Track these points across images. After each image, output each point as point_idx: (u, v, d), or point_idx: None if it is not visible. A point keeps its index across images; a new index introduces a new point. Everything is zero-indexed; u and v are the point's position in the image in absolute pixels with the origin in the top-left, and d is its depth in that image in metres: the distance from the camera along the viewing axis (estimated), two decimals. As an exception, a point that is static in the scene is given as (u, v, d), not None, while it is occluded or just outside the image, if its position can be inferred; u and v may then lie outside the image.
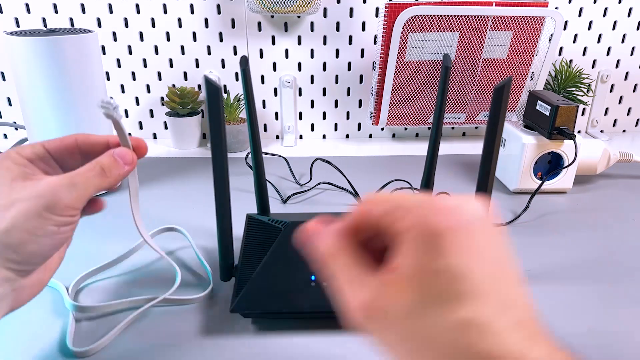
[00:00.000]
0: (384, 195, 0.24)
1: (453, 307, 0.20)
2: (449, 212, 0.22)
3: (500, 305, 0.20)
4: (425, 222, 0.21)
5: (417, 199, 0.23)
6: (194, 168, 0.82)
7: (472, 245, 0.21)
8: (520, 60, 0.86)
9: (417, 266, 0.21)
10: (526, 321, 0.21)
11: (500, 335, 0.20)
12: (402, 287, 0.21)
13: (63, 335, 0.43)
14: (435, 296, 0.20)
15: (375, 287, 0.22)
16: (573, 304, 0.48)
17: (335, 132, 0.99)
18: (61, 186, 0.31)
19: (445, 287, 0.20)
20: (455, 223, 0.21)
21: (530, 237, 0.60)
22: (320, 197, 0.72)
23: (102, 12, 0.87)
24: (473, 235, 0.21)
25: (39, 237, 0.31)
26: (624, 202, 0.70)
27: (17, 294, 0.32)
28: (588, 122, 1.02)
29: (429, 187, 0.56)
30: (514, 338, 0.20)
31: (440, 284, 0.20)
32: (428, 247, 0.21)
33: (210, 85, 0.39)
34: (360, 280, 0.23)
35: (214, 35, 0.89)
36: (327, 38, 0.91)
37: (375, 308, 0.22)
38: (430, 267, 0.21)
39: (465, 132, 1.02)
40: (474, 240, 0.21)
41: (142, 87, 0.93)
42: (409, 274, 0.21)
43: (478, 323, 0.20)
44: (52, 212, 0.31)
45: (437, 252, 0.21)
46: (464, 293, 0.20)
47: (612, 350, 0.42)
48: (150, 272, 0.53)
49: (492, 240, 0.22)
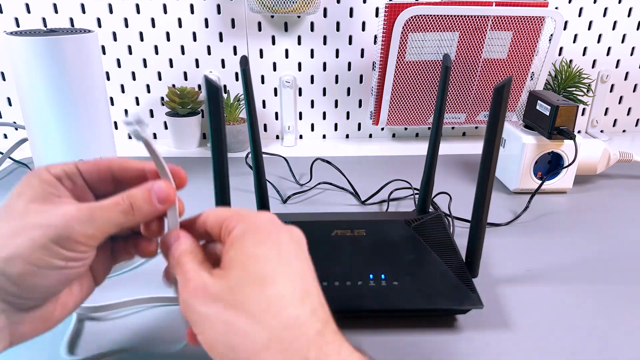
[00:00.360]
0: (221, 208, 0.33)
1: (263, 288, 0.27)
2: (253, 217, 0.30)
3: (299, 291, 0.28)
4: (242, 223, 0.30)
5: (236, 211, 0.31)
6: (194, 168, 0.82)
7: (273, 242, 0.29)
8: (520, 60, 0.86)
9: (236, 258, 0.29)
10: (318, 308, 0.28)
11: (298, 307, 0.27)
12: (225, 273, 0.28)
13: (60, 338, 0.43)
14: (248, 280, 0.27)
15: (214, 273, 0.29)
16: (573, 304, 0.48)
17: (335, 132, 0.99)
18: (77, 219, 0.28)
19: (258, 269, 0.28)
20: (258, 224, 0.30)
21: (530, 237, 0.60)
22: (320, 197, 0.72)
23: (102, 12, 0.87)
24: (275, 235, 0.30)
25: (43, 270, 0.28)
26: (624, 202, 0.70)
27: (15, 328, 0.29)
28: (588, 122, 1.02)
29: (429, 187, 0.56)
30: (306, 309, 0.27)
31: (255, 268, 0.28)
32: (243, 241, 0.29)
33: (210, 85, 0.39)
34: (207, 269, 0.29)
35: (214, 35, 0.89)
36: (327, 38, 0.91)
37: (209, 287, 0.28)
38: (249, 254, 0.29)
39: (465, 132, 1.02)
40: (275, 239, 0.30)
41: (142, 87, 0.93)
42: (232, 264, 0.28)
43: (284, 300, 0.27)
44: (61, 246, 0.28)
45: (249, 243, 0.29)
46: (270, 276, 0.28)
47: (612, 350, 0.42)
48: (152, 272, 0.53)
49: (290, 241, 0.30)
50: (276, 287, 0.27)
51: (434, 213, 0.55)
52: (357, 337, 0.43)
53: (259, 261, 0.28)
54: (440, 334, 0.44)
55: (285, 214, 0.56)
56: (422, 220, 0.53)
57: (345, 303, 0.43)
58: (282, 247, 0.29)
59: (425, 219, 0.53)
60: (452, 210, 0.66)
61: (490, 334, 0.44)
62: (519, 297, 0.49)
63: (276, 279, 0.27)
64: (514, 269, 0.54)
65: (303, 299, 0.27)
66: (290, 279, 0.28)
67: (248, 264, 0.28)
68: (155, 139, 0.97)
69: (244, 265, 0.28)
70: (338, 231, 0.50)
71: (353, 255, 0.48)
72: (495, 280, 0.51)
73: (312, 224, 0.52)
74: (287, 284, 0.28)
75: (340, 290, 0.44)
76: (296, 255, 0.29)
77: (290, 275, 0.28)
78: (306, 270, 0.29)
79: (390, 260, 0.47)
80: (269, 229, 0.30)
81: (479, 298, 0.44)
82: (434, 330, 0.44)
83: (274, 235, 0.29)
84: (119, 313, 0.46)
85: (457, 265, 0.47)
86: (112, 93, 0.93)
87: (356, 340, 0.43)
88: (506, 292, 0.49)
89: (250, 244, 0.29)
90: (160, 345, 0.42)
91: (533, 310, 0.47)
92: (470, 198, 0.46)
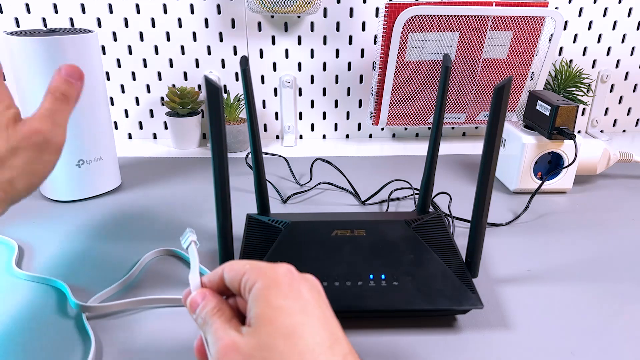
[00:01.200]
0: (237, 262, 0.32)
1: (294, 341, 0.27)
2: (271, 270, 0.30)
3: (328, 340, 0.28)
4: (262, 279, 0.30)
5: (253, 265, 0.31)
6: (194, 168, 0.82)
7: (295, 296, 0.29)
8: (520, 60, 0.86)
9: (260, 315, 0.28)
10: (348, 354, 0.28)
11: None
12: (254, 330, 0.28)
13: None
14: (277, 335, 0.27)
15: (243, 331, 0.29)
16: (573, 304, 0.48)
17: (335, 132, 0.99)
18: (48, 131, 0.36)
19: (284, 326, 0.28)
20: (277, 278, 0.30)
21: (530, 237, 0.60)
22: (320, 197, 0.72)
23: (102, 12, 0.87)
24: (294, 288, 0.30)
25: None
26: (624, 202, 0.70)
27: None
28: (588, 122, 1.02)
29: (429, 187, 0.56)
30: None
31: (280, 324, 0.28)
32: (267, 295, 0.29)
33: (210, 86, 0.39)
34: (235, 326, 0.30)
35: (214, 35, 0.89)
36: (327, 38, 0.91)
37: (241, 346, 0.28)
38: (271, 307, 0.29)
39: (465, 132, 1.02)
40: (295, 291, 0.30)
41: (142, 87, 0.93)
42: (259, 320, 0.28)
43: (315, 353, 0.27)
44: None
45: (273, 297, 0.29)
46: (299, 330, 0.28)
47: (612, 350, 0.42)
48: (154, 272, 0.53)
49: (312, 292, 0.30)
50: (305, 339, 0.28)
51: (434, 213, 0.55)
52: (357, 337, 0.43)
53: (285, 315, 0.28)
54: (440, 334, 0.44)
55: (285, 214, 0.56)
56: (422, 221, 0.53)
57: (345, 303, 0.43)
58: (304, 298, 0.29)
59: (425, 219, 0.53)
60: (452, 210, 0.66)
61: (490, 334, 0.44)
62: (519, 297, 0.49)
63: (304, 331, 0.28)
64: (514, 269, 0.54)
65: (332, 347, 0.28)
66: (317, 329, 0.28)
67: (274, 319, 0.28)
68: (155, 139, 0.97)
69: (271, 321, 0.28)
70: (338, 231, 0.50)
71: (353, 255, 0.48)
72: (495, 280, 0.51)
73: (312, 224, 0.52)
74: (315, 335, 0.28)
75: (340, 291, 0.44)
76: (318, 304, 0.30)
77: (316, 325, 0.28)
78: (329, 317, 0.30)
79: (390, 260, 0.47)
80: (289, 281, 0.30)
81: (479, 298, 0.44)
82: (434, 330, 0.44)
83: (295, 287, 0.30)
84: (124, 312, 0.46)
85: (457, 266, 0.47)
86: (112, 93, 0.93)
87: (356, 340, 0.43)
88: (506, 292, 0.49)
89: (273, 298, 0.29)
90: (162, 344, 0.42)
91: (533, 310, 0.47)
92: (470, 198, 0.46)
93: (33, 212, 0.65)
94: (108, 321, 0.45)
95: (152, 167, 0.82)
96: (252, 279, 0.30)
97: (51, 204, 0.67)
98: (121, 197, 0.70)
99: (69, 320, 0.45)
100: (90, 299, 0.47)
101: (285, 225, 0.51)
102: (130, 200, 0.69)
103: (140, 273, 0.52)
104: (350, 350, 0.29)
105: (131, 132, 0.97)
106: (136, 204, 0.68)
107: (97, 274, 0.52)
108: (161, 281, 0.51)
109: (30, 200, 0.67)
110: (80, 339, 0.43)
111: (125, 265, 0.53)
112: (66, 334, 0.43)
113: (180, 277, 0.52)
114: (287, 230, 0.51)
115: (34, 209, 0.66)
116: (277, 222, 0.52)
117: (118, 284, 0.49)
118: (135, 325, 0.45)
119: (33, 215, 0.64)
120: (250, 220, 0.55)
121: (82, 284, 0.50)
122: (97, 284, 0.50)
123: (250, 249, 0.50)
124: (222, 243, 0.45)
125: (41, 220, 0.63)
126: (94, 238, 0.59)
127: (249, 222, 0.54)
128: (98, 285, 0.50)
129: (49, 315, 0.46)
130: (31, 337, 0.43)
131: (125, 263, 0.54)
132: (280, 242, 0.49)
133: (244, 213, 0.56)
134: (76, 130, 0.65)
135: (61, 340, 0.43)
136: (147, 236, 0.59)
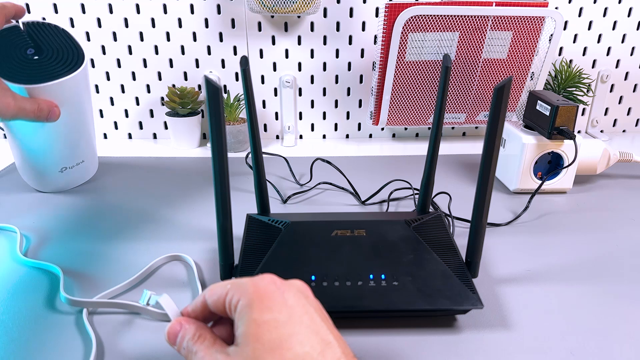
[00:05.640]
0: (218, 285, 0.32)
1: (281, 354, 0.27)
2: (252, 286, 0.30)
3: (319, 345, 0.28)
4: (245, 295, 0.30)
5: (235, 283, 0.31)
6: (194, 168, 0.82)
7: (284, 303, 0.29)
8: (520, 60, 0.86)
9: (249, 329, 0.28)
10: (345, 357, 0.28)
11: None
12: (241, 349, 0.28)
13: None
14: (264, 351, 0.27)
15: (229, 352, 0.29)
16: (573, 304, 0.48)
17: (335, 132, 0.99)
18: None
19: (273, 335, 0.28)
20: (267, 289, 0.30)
21: (530, 237, 0.60)
22: (320, 197, 0.72)
23: (102, 12, 0.87)
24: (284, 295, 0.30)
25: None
26: (624, 202, 0.70)
27: None
28: (588, 122, 1.02)
29: (429, 187, 0.56)
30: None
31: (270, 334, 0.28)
32: (250, 312, 0.29)
33: (211, 86, 0.39)
34: (220, 348, 0.30)
35: (214, 35, 0.89)
36: (327, 38, 0.91)
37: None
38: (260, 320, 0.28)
39: (465, 132, 1.02)
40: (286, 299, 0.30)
41: (142, 87, 0.93)
42: (244, 338, 0.28)
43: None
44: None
45: (257, 313, 0.29)
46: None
47: (612, 350, 0.42)
48: (156, 272, 0.53)
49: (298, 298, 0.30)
50: (293, 350, 0.27)
51: (434, 213, 0.55)
52: (357, 337, 0.43)
53: (270, 329, 0.28)
54: (440, 334, 0.44)
55: (285, 214, 0.56)
56: (422, 221, 0.53)
57: (345, 303, 0.43)
58: (290, 307, 0.29)
59: (425, 219, 0.53)
60: (452, 210, 0.66)
61: (490, 334, 0.44)
62: (519, 297, 0.49)
63: (292, 342, 0.27)
64: (514, 269, 0.54)
65: (324, 352, 0.27)
66: (306, 337, 0.28)
67: (260, 334, 0.28)
68: (155, 139, 0.97)
69: (256, 337, 0.28)
70: (338, 231, 0.50)
71: (353, 255, 0.48)
72: (495, 280, 0.51)
73: (312, 224, 0.52)
74: (305, 344, 0.27)
75: (340, 291, 0.44)
76: (305, 310, 0.29)
77: (304, 333, 0.28)
78: (318, 322, 0.29)
79: (390, 260, 0.47)
80: (272, 292, 0.29)
81: (479, 298, 0.44)
82: (434, 330, 0.44)
83: (278, 297, 0.29)
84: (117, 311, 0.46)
85: (457, 266, 0.47)
86: (112, 93, 0.93)
87: (356, 340, 0.43)
88: (506, 292, 0.49)
89: (257, 313, 0.28)
90: (159, 345, 0.42)
91: (533, 310, 0.47)
92: (470, 198, 0.46)
93: (30, 203, 0.65)
94: (109, 317, 0.45)
95: (152, 167, 0.82)
96: (236, 297, 0.30)
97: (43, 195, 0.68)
98: (121, 197, 0.70)
99: (68, 316, 0.45)
100: (96, 296, 0.47)
101: (285, 225, 0.51)
102: (130, 200, 0.69)
103: (147, 274, 0.52)
104: (345, 352, 0.28)
105: (131, 132, 0.97)
106: (136, 204, 0.68)
107: (98, 271, 0.52)
108: (163, 281, 0.51)
109: (28, 193, 0.68)
110: (80, 336, 0.43)
111: (124, 264, 0.53)
112: (65, 329, 0.43)
113: (185, 279, 0.52)
114: (287, 230, 0.51)
115: (32, 200, 0.66)
116: (277, 222, 0.52)
117: (115, 282, 0.49)
118: (131, 324, 0.45)
119: (31, 206, 0.64)
120: (250, 220, 0.55)
121: (84, 279, 0.50)
122: (97, 282, 0.50)
123: (250, 249, 0.50)
124: (222, 243, 0.45)
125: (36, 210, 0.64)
126: (95, 238, 0.59)
127: (249, 222, 0.54)
128: (98, 283, 0.50)
129: (45, 307, 0.46)
130: (29, 328, 0.43)
131: (125, 263, 0.54)
132: (280, 242, 0.49)
133: (244, 213, 0.56)
134: (59, 144, 0.67)
135: (60, 334, 0.43)
136: (147, 236, 0.60)
